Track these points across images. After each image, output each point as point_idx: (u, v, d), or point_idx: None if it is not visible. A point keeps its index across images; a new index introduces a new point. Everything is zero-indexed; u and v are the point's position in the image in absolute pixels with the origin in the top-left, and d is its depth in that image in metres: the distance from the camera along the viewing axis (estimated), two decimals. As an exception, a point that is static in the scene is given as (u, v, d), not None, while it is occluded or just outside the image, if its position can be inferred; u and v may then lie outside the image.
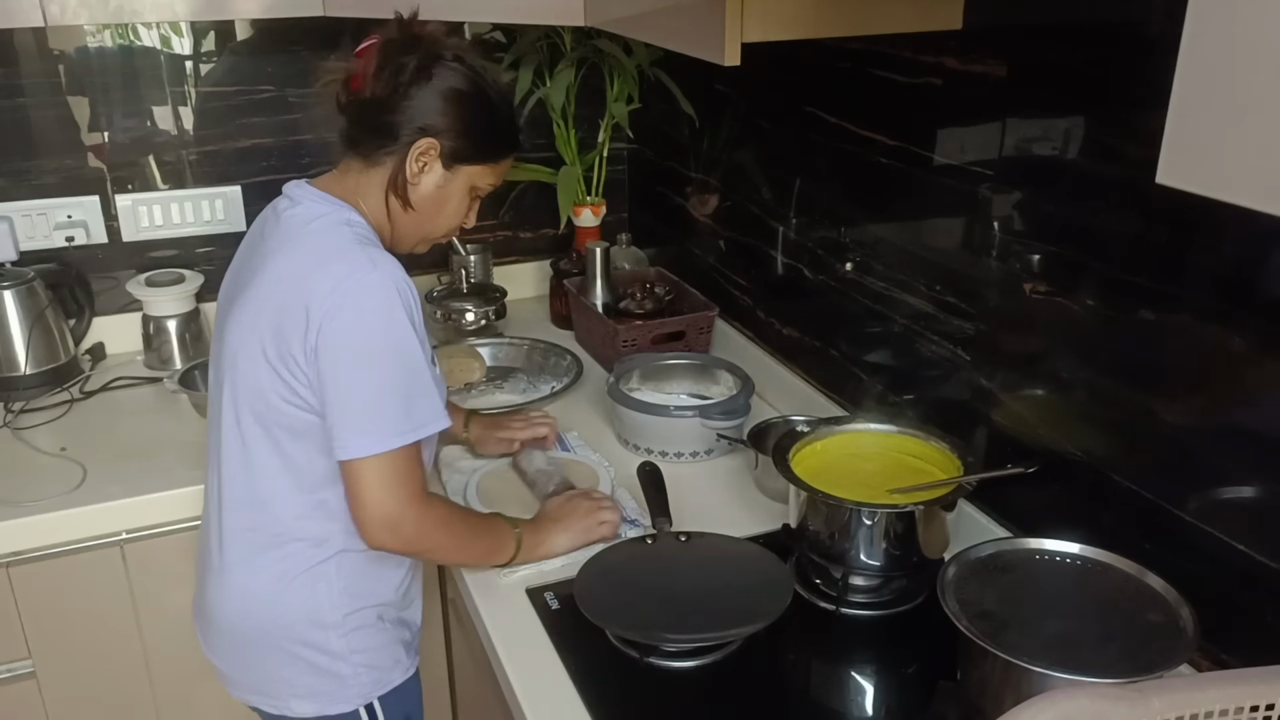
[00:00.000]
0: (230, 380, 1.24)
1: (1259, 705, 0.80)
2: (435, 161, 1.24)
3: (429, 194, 1.26)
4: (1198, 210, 0.96)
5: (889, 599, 1.30)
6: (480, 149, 1.26)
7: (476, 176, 1.28)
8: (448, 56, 1.22)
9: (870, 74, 1.49)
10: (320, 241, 1.20)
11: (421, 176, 1.24)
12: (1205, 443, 1.10)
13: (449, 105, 1.22)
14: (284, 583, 1.26)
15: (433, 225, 1.30)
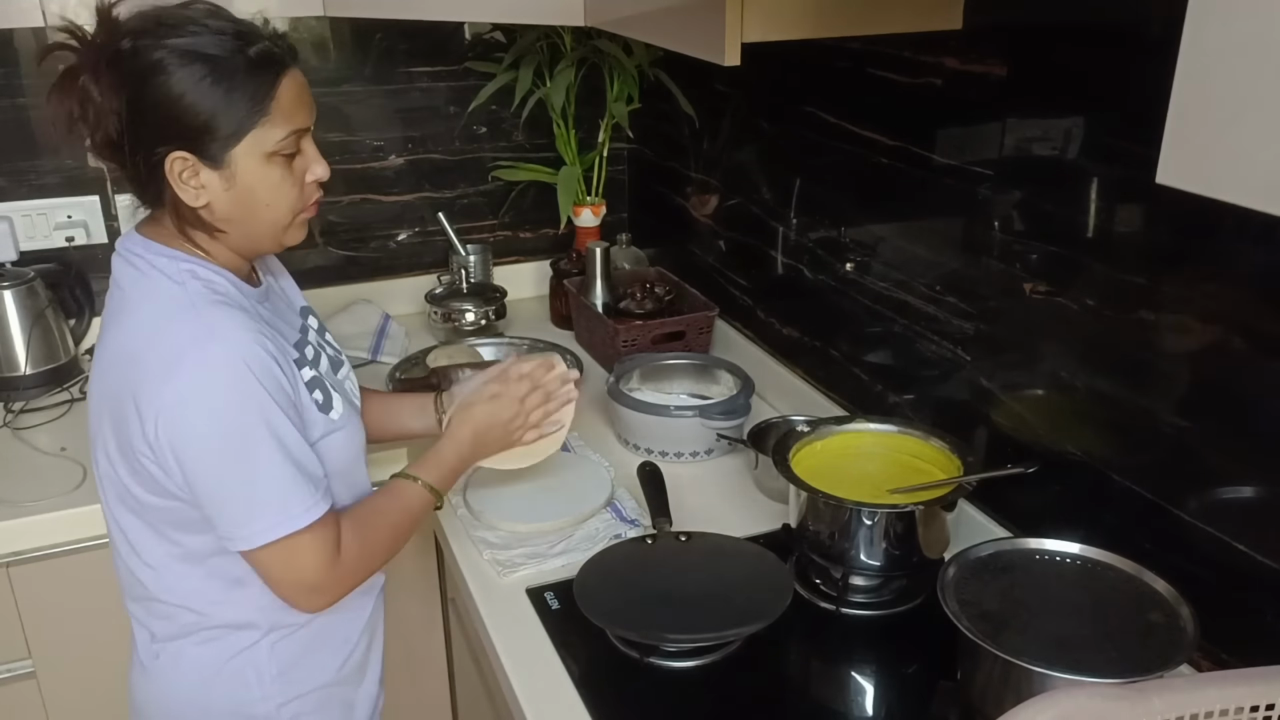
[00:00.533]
0: (97, 473, 1.12)
1: (1259, 705, 0.80)
2: (202, 170, 1.01)
3: (229, 201, 1.04)
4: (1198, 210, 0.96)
5: (889, 599, 1.30)
6: (232, 117, 1.00)
7: (260, 143, 1.02)
8: (125, 44, 0.98)
9: (870, 74, 1.49)
10: (147, 311, 1.03)
11: (202, 191, 1.02)
12: (1205, 443, 1.10)
13: (159, 103, 0.98)
14: (209, 674, 1.14)
15: (269, 219, 1.07)
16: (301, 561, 1.06)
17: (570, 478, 1.56)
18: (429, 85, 2.17)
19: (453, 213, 2.16)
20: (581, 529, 1.45)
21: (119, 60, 0.98)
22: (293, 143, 1.05)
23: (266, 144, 1.02)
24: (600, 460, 1.62)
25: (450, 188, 2.26)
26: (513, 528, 1.45)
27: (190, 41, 0.98)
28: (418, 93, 2.16)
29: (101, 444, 1.08)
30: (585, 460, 1.63)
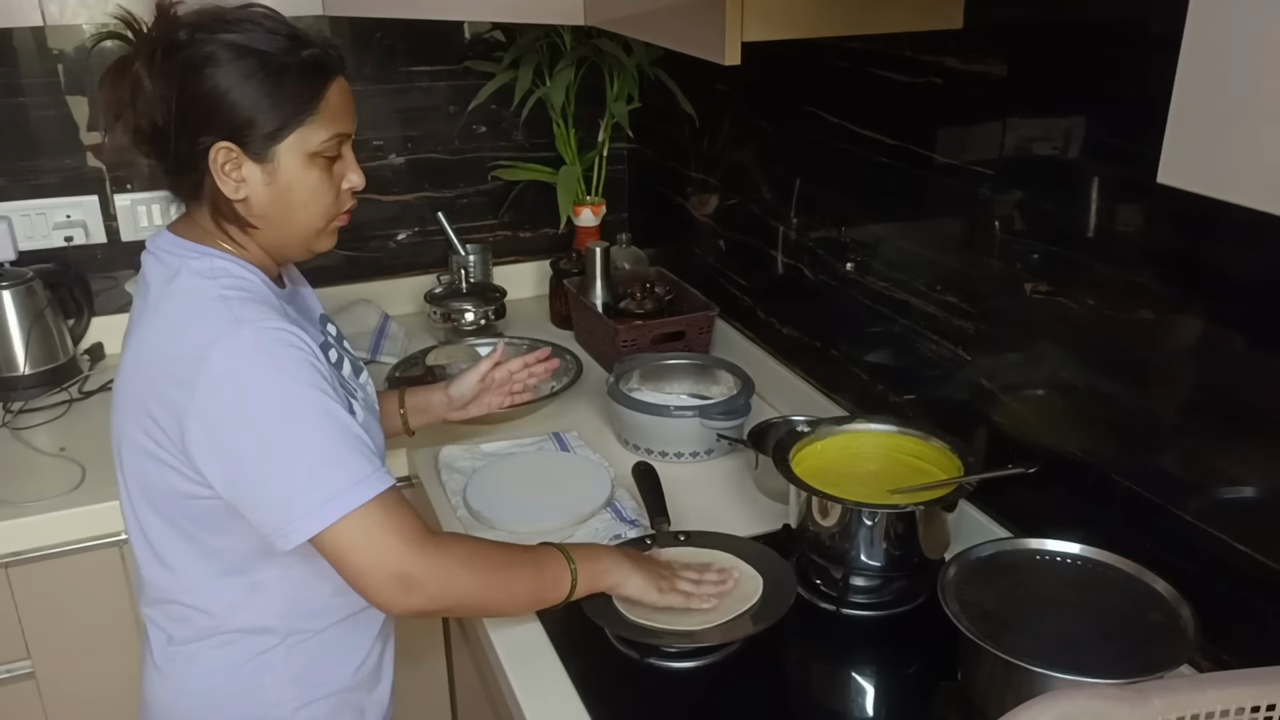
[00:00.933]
0: (120, 471, 1.10)
1: (1259, 705, 0.80)
2: (245, 163, 1.02)
3: (268, 197, 1.04)
4: (1198, 210, 0.96)
5: (889, 599, 1.30)
6: (279, 114, 1.01)
7: (306, 141, 1.03)
8: (182, 35, 0.99)
9: (870, 74, 1.49)
10: (176, 306, 1.03)
11: (242, 185, 1.03)
12: (1205, 443, 1.10)
13: (209, 93, 0.99)
14: (223, 677, 1.12)
15: (302, 222, 1.07)
16: (386, 537, 0.98)
17: (570, 478, 1.56)
18: (429, 85, 2.17)
19: (452, 212, 2.15)
20: (581, 529, 1.45)
21: (174, 50, 0.99)
22: (335, 146, 1.06)
23: (310, 144, 1.04)
24: (600, 460, 1.62)
25: (450, 187, 2.26)
26: (513, 528, 1.45)
27: (245, 37, 1.00)
28: (417, 92, 2.16)
29: (128, 441, 1.06)
30: (585, 460, 1.63)
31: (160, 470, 1.03)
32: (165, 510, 1.07)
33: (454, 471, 1.60)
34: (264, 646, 1.12)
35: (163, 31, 1.01)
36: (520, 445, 1.69)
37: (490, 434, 1.72)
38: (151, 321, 1.03)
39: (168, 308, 1.03)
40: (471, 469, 1.60)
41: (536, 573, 1.12)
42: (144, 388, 1.02)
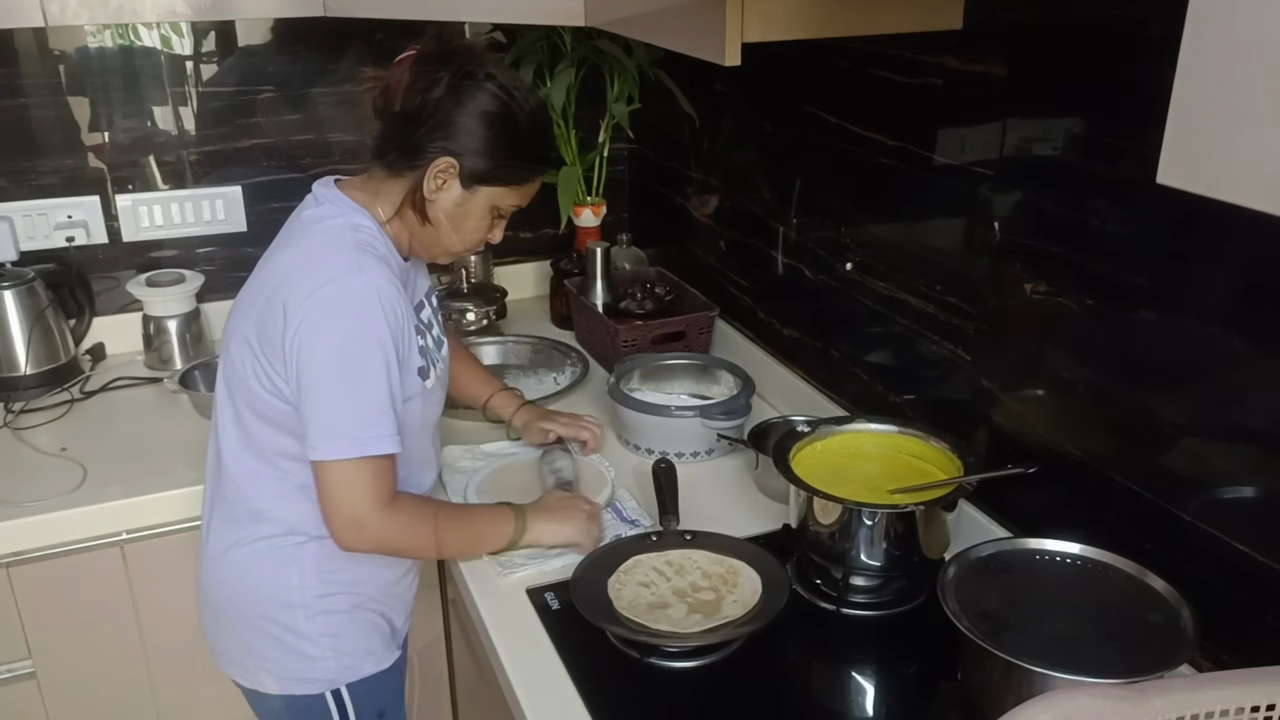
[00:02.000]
0: (223, 363, 1.29)
1: (1259, 705, 0.80)
2: (454, 180, 1.24)
3: (447, 211, 1.26)
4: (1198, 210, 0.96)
5: (889, 599, 1.30)
6: (502, 172, 1.25)
7: (498, 197, 1.28)
8: (480, 75, 1.21)
9: (870, 74, 1.49)
10: (317, 241, 1.22)
11: (439, 194, 1.25)
12: (1205, 443, 1.10)
13: (473, 126, 1.21)
14: (256, 559, 1.29)
15: (450, 241, 1.30)
16: (357, 489, 1.20)
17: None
18: (429, 85, 2.16)
19: (453, 213, 2.15)
20: (582, 529, 1.45)
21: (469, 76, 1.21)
22: (509, 211, 1.32)
23: (500, 201, 1.29)
24: (601, 460, 1.62)
25: (450, 188, 2.25)
26: (513, 528, 1.45)
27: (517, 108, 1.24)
28: (418, 93, 2.16)
29: (241, 341, 1.23)
30: (585, 461, 1.63)
31: (255, 365, 1.22)
32: (249, 402, 1.24)
33: (455, 471, 1.60)
34: (291, 543, 1.28)
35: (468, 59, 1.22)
36: (521, 445, 1.69)
37: (491, 435, 1.72)
38: (292, 247, 1.24)
39: (309, 241, 1.23)
40: (472, 469, 1.60)
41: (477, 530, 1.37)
42: (270, 295, 1.20)
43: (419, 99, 1.20)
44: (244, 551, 1.30)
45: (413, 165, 1.23)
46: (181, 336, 1.99)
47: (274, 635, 1.30)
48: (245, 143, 2.05)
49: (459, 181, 1.24)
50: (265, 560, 1.29)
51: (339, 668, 1.32)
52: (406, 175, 1.24)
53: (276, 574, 1.29)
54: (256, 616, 1.30)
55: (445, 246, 1.31)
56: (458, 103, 1.21)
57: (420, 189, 1.24)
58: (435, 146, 1.21)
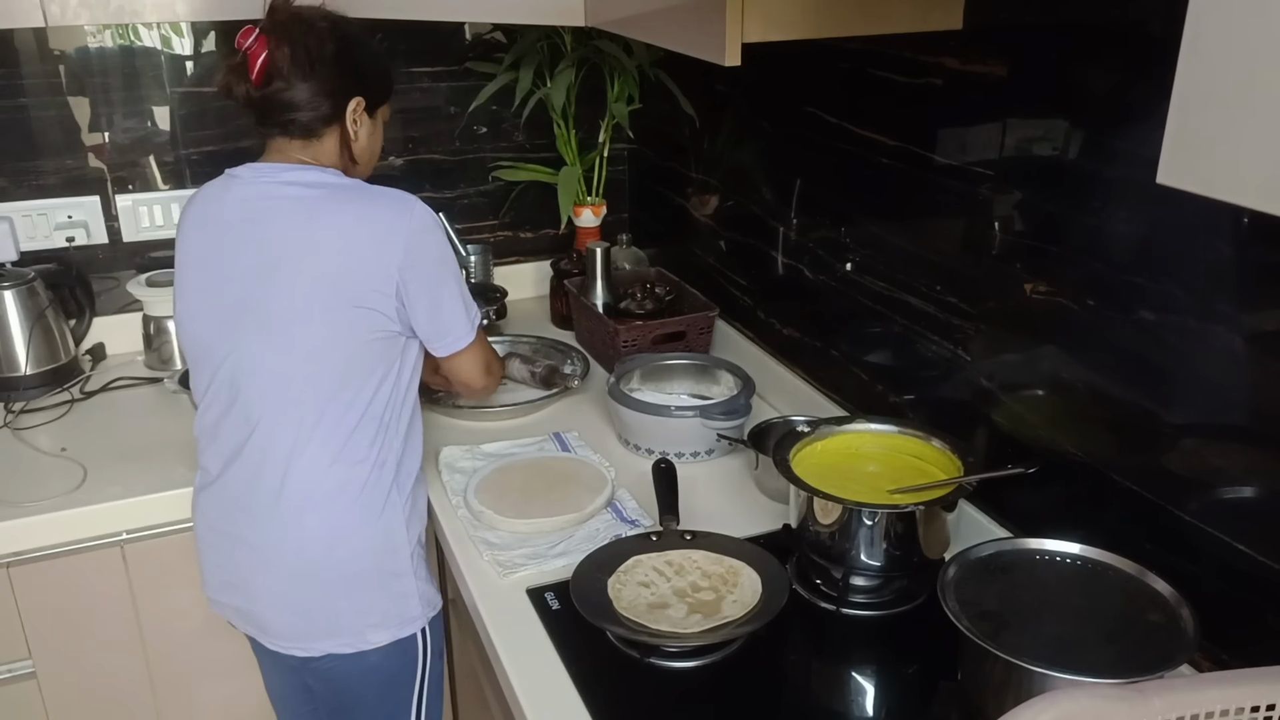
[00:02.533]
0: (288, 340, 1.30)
1: (1259, 705, 0.80)
2: (363, 115, 1.39)
3: (366, 144, 1.42)
4: (1198, 210, 0.96)
5: (889, 599, 1.30)
6: (383, 89, 1.44)
7: (384, 113, 1.47)
8: (324, 24, 1.34)
9: (870, 74, 1.49)
10: (344, 198, 1.33)
11: (361, 130, 1.40)
12: (1205, 443, 1.10)
13: (360, 62, 1.38)
14: (366, 513, 1.35)
15: (368, 166, 1.46)
16: (486, 351, 1.47)
17: (570, 478, 1.57)
18: (429, 85, 2.17)
19: (453, 213, 2.15)
20: (581, 529, 1.45)
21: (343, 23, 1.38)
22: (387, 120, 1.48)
23: (385, 114, 1.47)
24: (601, 460, 1.62)
25: (451, 188, 2.26)
26: (513, 528, 1.45)
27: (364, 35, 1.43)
28: (418, 93, 2.16)
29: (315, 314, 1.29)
30: (585, 460, 1.63)
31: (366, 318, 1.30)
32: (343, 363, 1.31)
33: (455, 471, 1.60)
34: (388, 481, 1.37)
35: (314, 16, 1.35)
36: (521, 445, 1.69)
37: (491, 434, 1.72)
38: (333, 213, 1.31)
39: (343, 199, 1.33)
40: (472, 469, 1.60)
41: None
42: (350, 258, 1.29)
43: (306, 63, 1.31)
44: (353, 507, 1.34)
45: (329, 121, 1.35)
46: (181, 336, 1.99)
47: (385, 585, 1.37)
48: (244, 143, 2.05)
49: (365, 114, 1.40)
50: (369, 511, 1.35)
51: (423, 605, 1.41)
52: (324, 133, 1.36)
53: (380, 523, 1.36)
54: (371, 571, 1.36)
55: (370, 166, 1.47)
56: (333, 51, 1.33)
57: (345, 135, 1.38)
58: (340, 96, 1.35)
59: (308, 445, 1.31)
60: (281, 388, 1.31)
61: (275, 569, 1.35)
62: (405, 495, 1.39)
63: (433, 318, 1.36)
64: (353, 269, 1.29)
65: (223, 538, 1.38)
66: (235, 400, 1.33)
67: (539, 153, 2.27)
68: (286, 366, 1.31)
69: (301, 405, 1.31)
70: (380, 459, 1.35)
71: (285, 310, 1.30)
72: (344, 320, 1.29)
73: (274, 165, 1.36)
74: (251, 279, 1.31)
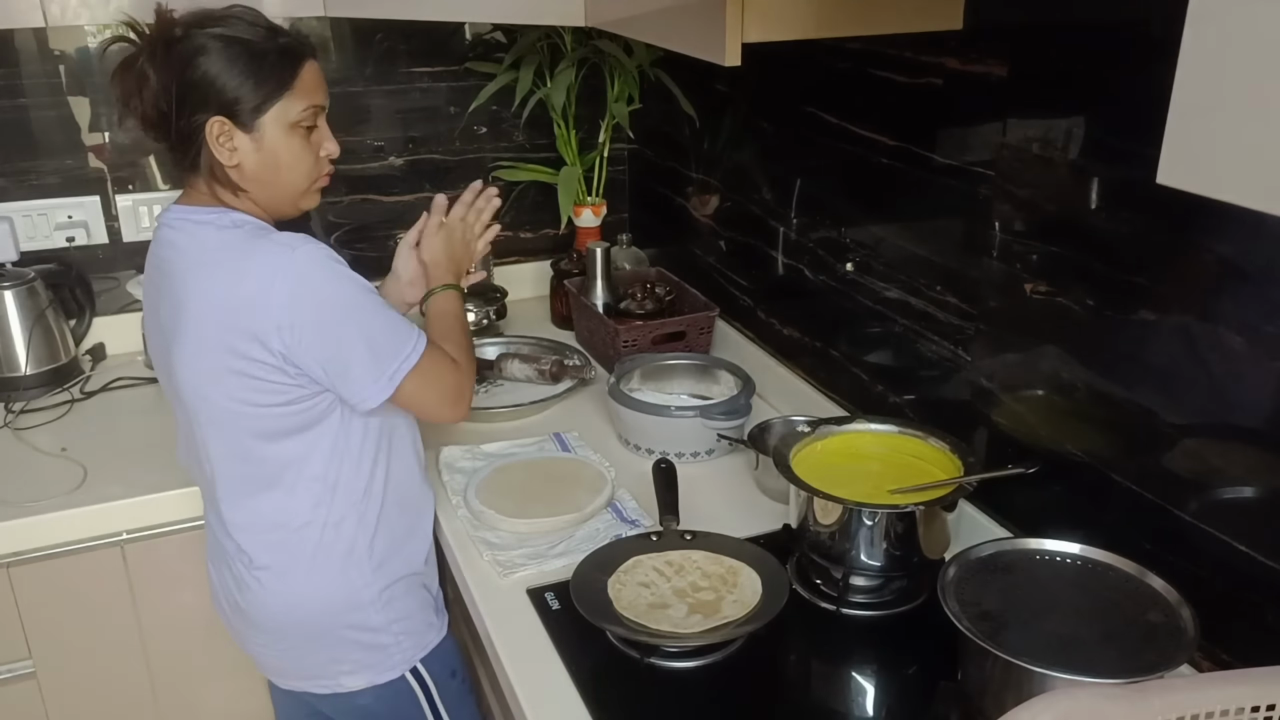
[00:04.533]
0: (204, 414, 1.25)
1: (1259, 705, 0.80)
2: (236, 134, 1.21)
3: (257, 162, 1.23)
4: (1198, 210, 0.96)
5: (889, 599, 1.30)
6: (263, 89, 1.20)
7: (284, 113, 1.23)
8: (178, 32, 1.19)
9: (870, 74, 1.49)
10: (225, 252, 1.20)
11: (236, 155, 1.22)
12: (1205, 443, 1.10)
13: (202, 78, 1.18)
14: (321, 576, 1.31)
15: (289, 182, 1.27)
16: (440, 375, 1.28)
17: (571, 478, 1.57)
18: (429, 85, 2.17)
19: (453, 213, 2.15)
20: (582, 529, 1.45)
21: (171, 45, 1.19)
22: (311, 117, 1.26)
23: (290, 115, 1.23)
24: (601, 460, 1.62)
25: (451, 188, 2.24)
26: (513, 528, 1.45)
27: (229, 30, 1.20)
28: (418, 93, 2.16)
29: (213, 381, 1.21)
30: (586, 460, 1.63)
31: (259, 388, 1.20)
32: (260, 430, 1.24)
33: (455, 472, 1.60)
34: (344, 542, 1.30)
35: (161, 31, 1.20)
36: (521, 445, 1.69)
37: (491, 435, 1.72)
38: (204, 275, 1.20)
39: (217, 259, 1.20)
40: (473, 469, 1.60)
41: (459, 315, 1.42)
42: (224, 328, 1.18)
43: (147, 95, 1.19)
44: (305, 574, 1.31)
45: (194, 147, 1.21)
46: (181, 336, 1.99)
47: (352, 639, 1.34)
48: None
49: (240, 132, 1.21)
50: (330, 573, 1.31)
51: (412, 646, 1.37)
52: (200, 161, 1.23)
53: (340, 582, 1.32)
54: (334, 627, 1.33)
55: (291, 193, 1.28)
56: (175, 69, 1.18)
57: (217, 165, 1.22)
58: (195, 120, 1.19)
59: (245, 513, 1.30)
60: (207, 454, 1.29)
61: (244, 615, 1.37)
62: (371, 548, 1.32)
63: (332, 373, 1.21)
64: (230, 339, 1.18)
65: (216, 568, 1.41)
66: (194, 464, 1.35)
67: (539, 153, 2.27)
68: (204, 436, 1.28)
69: (229, 475, 1.29)
70: (332, 520, 1.29)
71: (185, 381, 1.24)
72: (236, 390, 1.21)
73: (179, 207, 1.27)
74: (163, 341, 1.27)
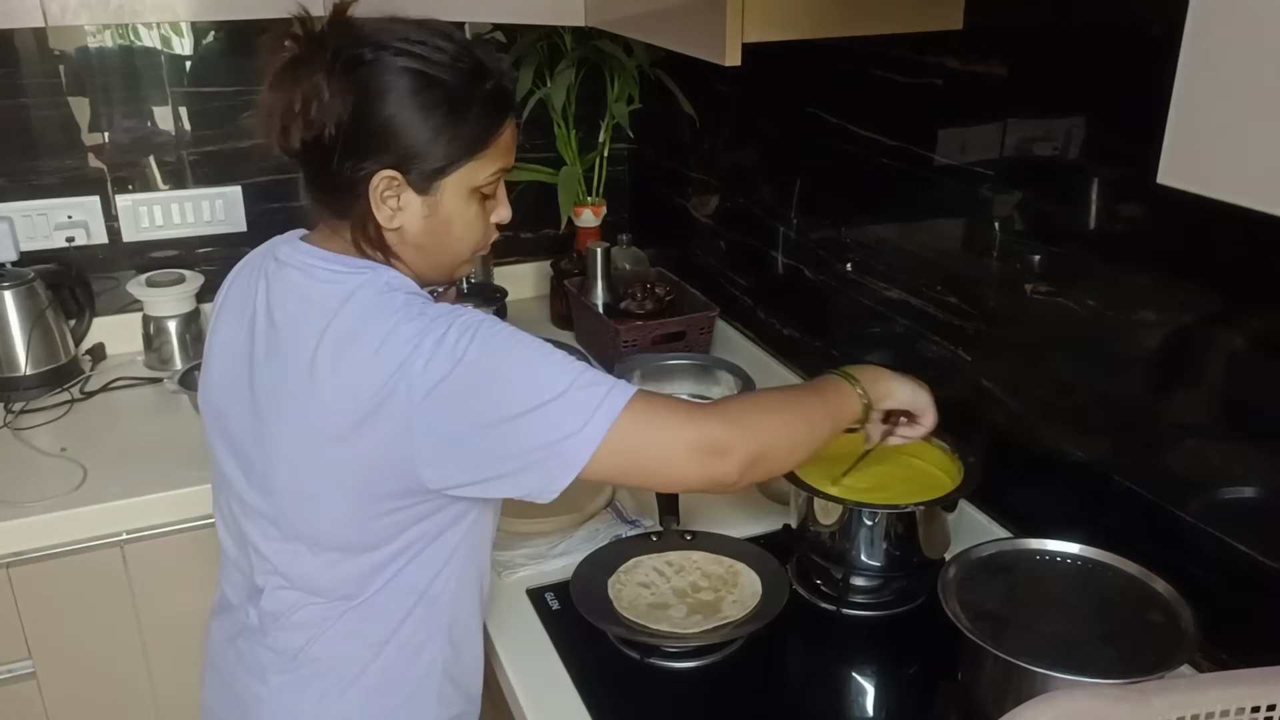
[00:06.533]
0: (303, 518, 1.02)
1: (1260, 706, 0.80)
2: (406, 192, 0.97)
3: (423, 229, 1.00)
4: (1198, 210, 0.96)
5: (890, 600, 1.30)
6: (454, 149, 0.97)
7: (470, 177, 1.00)
8: (367, 54, 0.94)
9: (870, 74, 1.49)
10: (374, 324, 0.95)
11: (400, 214, 0.98)
12: (1205, 443, 1.10)
13: (386, 122, 0.94)
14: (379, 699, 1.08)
15: (454, 252, 1.04)
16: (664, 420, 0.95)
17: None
18: (429, 85, 2.16)
19: (453, 213, 2.15)
20: (582, 529, 1.45)
21: (355, 67, 0.94)
22: (496, 182, 1.05)
23: (475, 180, 1.01)
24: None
25: (450, 188, 2.25)
26: (514, 527, 1.45)
27: (429, 66, 0.95)
28: (418, 93, 2.16)
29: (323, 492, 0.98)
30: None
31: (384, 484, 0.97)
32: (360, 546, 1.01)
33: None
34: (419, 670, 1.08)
35: (343, 42, 0.94)
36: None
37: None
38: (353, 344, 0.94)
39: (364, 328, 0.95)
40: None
41: (821, 398, 1.08)
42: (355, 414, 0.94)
43: (315, 116, 0.93)
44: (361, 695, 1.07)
45: (350, 198, 0.97)
46: (181, 336, 1.99)
47: None
48: (245, 143, 2.05)
49: (412, 191, 0.98)
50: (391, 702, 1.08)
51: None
52: (351, 211, 0.98)
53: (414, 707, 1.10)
54: None
55: (451, 263, 1.06)
56: (355, 100, 0.93)
57: (373, 222, 0.98)
58: (363, 167, 0.95)
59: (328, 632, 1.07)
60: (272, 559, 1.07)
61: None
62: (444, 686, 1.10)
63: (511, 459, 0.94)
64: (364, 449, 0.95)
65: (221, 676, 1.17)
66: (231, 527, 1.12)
67: (539, 153, 2.27)
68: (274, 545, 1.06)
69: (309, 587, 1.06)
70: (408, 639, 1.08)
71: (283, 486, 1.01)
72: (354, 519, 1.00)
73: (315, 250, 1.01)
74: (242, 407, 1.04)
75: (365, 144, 0.95)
